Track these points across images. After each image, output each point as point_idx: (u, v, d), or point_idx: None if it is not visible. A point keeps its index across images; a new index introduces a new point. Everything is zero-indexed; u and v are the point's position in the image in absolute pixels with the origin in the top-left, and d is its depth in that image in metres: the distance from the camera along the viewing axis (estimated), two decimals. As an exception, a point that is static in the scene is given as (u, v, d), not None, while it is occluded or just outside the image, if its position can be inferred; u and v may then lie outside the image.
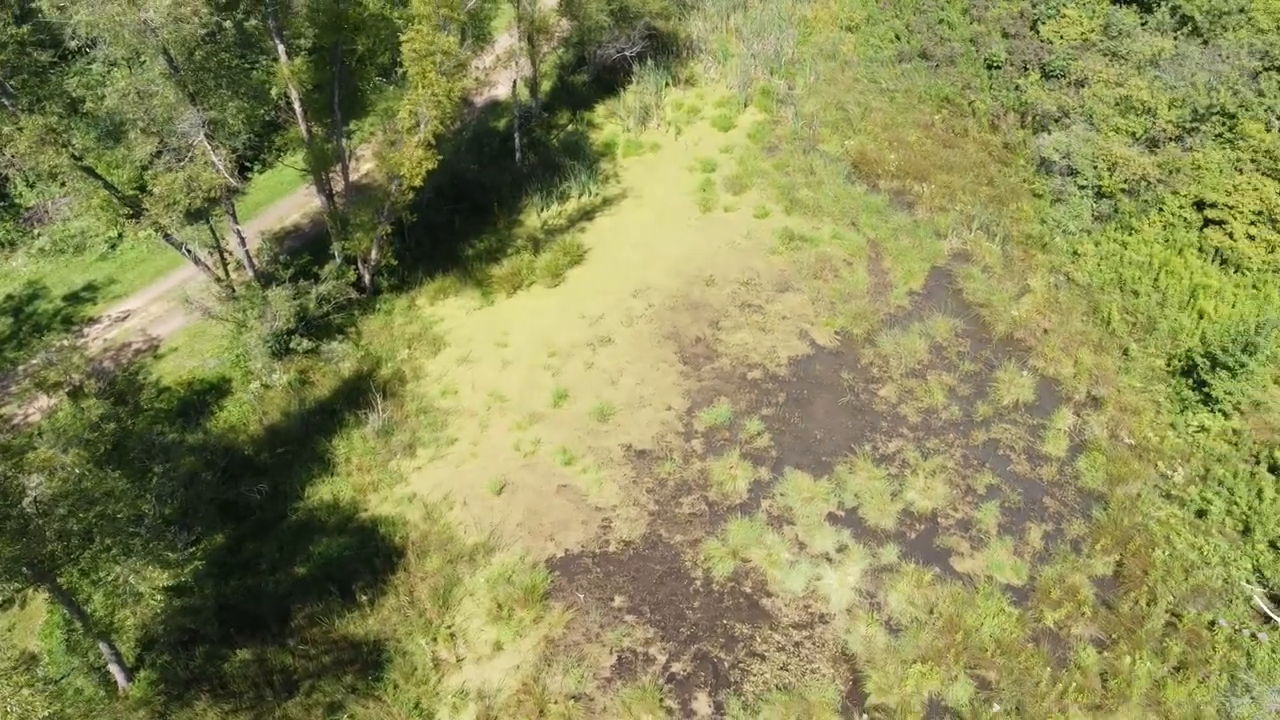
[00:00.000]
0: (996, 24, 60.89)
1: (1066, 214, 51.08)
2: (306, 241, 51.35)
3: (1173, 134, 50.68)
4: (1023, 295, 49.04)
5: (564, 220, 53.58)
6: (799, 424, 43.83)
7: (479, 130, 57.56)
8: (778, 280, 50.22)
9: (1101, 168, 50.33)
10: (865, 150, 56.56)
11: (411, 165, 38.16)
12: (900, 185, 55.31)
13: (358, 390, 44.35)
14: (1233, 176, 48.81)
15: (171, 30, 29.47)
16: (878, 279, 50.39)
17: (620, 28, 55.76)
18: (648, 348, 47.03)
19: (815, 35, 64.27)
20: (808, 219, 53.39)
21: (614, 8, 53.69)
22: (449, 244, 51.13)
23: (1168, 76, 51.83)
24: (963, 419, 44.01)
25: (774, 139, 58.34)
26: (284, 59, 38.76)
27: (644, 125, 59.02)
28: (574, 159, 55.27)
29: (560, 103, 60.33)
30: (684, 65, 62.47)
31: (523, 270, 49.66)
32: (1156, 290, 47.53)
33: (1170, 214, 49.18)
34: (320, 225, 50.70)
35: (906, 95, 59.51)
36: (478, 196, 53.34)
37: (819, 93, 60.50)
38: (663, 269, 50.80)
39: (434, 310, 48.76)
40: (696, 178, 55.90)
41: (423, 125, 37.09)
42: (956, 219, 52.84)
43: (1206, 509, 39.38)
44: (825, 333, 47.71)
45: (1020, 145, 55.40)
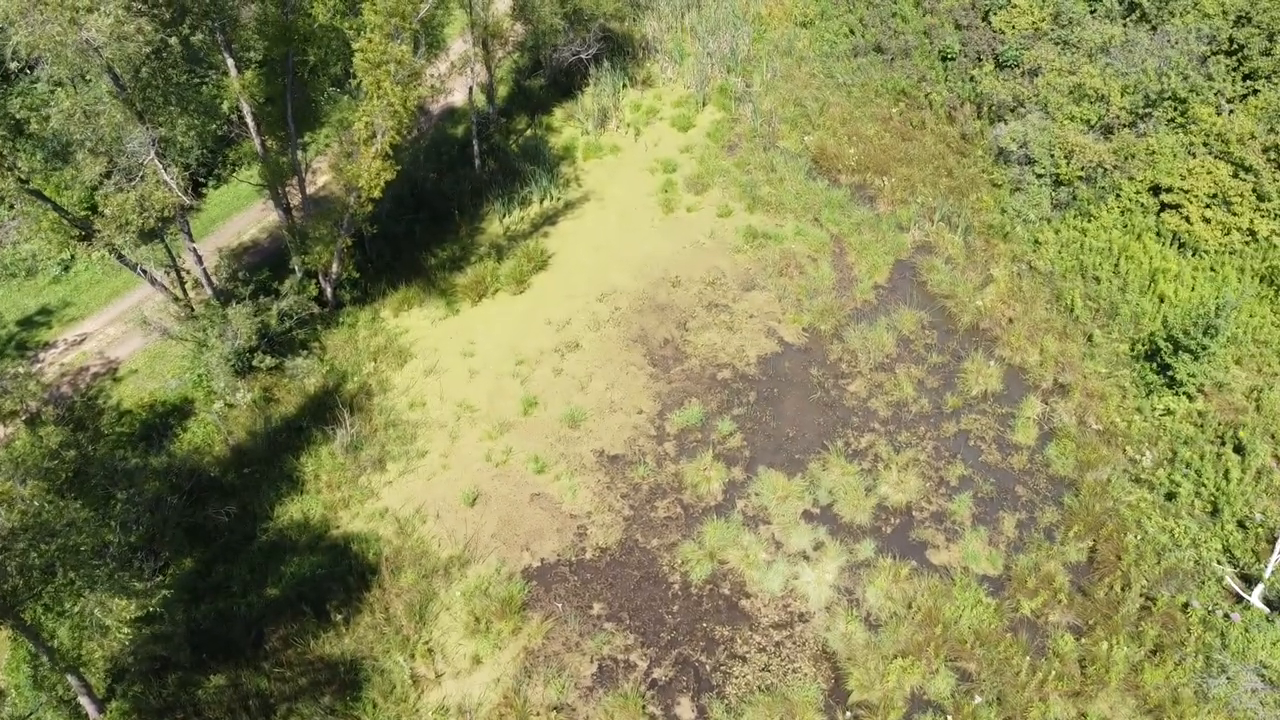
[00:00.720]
0: (949, 16, 61.26)
1: (1026, 203, 51.47)
2: (265, 257, 50.54)
3: (1126, 120, 51.21)
4: (986, 285, 49.33)
5: (526, 225, 53.19)
6: (770, 423, 43.79)
7: (437, 138, 56.99)
8: (743, 279, 50.16)
9: (1058, 156, 50.75)
10: (825, 145, 56.66)
11: (369, 177, 37.63)
12: (861, 179, 55.47)
13: (324, 406, 43.71)
14: (1186, 160, 49.39)
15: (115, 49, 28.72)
16: (842, 274, 50.48)
17: (575, 30, 55.42)
18: (616, 352, 46.78)
19: (770, 32, 64.31)
20: (770, 216, 53.39)
21: (567, 10, 53.34)
22: (411, 254, 50.57)
23: (1118, 64, 52.38)
24: (932, 411, 44.19)
25: (733, 137, 58.31)
26: (234, 73, 38.04)
27: (603, 128, 58.74)
28: (534, 164, 54.89)
29: (518, 107, 59.89)
30: (640, 66, 62.26)
31: (486, 278, 49.21)
32: (1117, 276, 47.99)
33: (1127, 199, 49.70)
34: (279, 240, 49.93)
35: (863, 89, 59.69)
36: (438, 205, 52.80)
37: (776, 89, 60.53)
38: (628, 271, 50.57)
39: (398, 322, 48.20)
40: (658, 178, 55.72)
41: (379, 136, 36.57)
42: (918, 211, 53.07)
43: (1175, 491, 39.80)
44: (793, 330, 47.71)
45: (977, 136, 55.77)
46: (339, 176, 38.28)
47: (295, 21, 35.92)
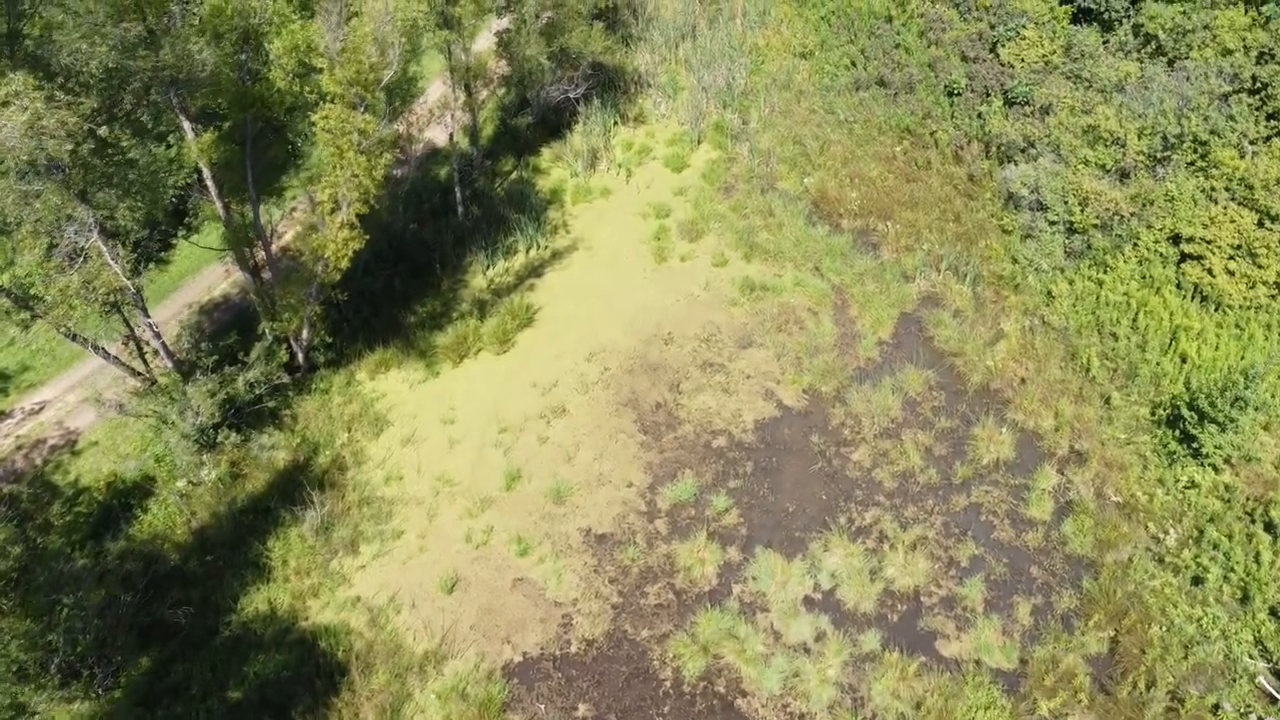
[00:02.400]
0: (955, 47, 58.52)
1: (1038, 251, 48.78)
2: (236, 314, 47.94)
3: (1143, 164, 48.46)
4: (997, 341, 46.67)
5: (512, 278, 50.57)
6: (768, 497, 41.17)
7: (419, 183, 54.35)
8: (740, 335, 47.52)
9: (1072, 203, 48.04)
10: (825, 188, 53.97)
11: (336, 247, 35.05)
12: (863, 224, 52.79)
13: (294, 483, 41.13)
14: (1208, 207, 46.69)
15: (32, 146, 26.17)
16: (844, 329, 47.82)
17: (562, 69, 52.77)
18: (605, 417, 44.16)
19: (768, 64, 61.60)
20: (768, 265, 50.73)
21: (553, 49, 50.69)
22: (389, 311, 47.95)
23: (1135, 104, 49.61)
24: (941, 482, 41.54)
25: (730, 178, 55.63)
26: (190, 135, 35.47)
27: (592, 169, 56.10)
28: (520, 210, 52.27)
29: (503, 148, 57.25)
30: (632, 102, 59.60)
31: (469, 337, 46.62)
32: (1135, 332, 45.30)
33: (1146, 249, 46.99)
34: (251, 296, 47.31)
35: (865, 126, 56.98)
36: (419, 257, 50.20)
37: (774, 126, 57.85)
38: (618, 327, 47.94)
39: (375, 386, 45.60)
40: (650, 224, 53.07)
41: (344, 207, 33.96)
42: (923, 259, 50.40)
43: (1203, 576, 37.14)
44: (792, 391, 45.06)
45: (985, 177, 53.04)
46: (305, 246, 35.65)
47: (252, 88, 33.36)
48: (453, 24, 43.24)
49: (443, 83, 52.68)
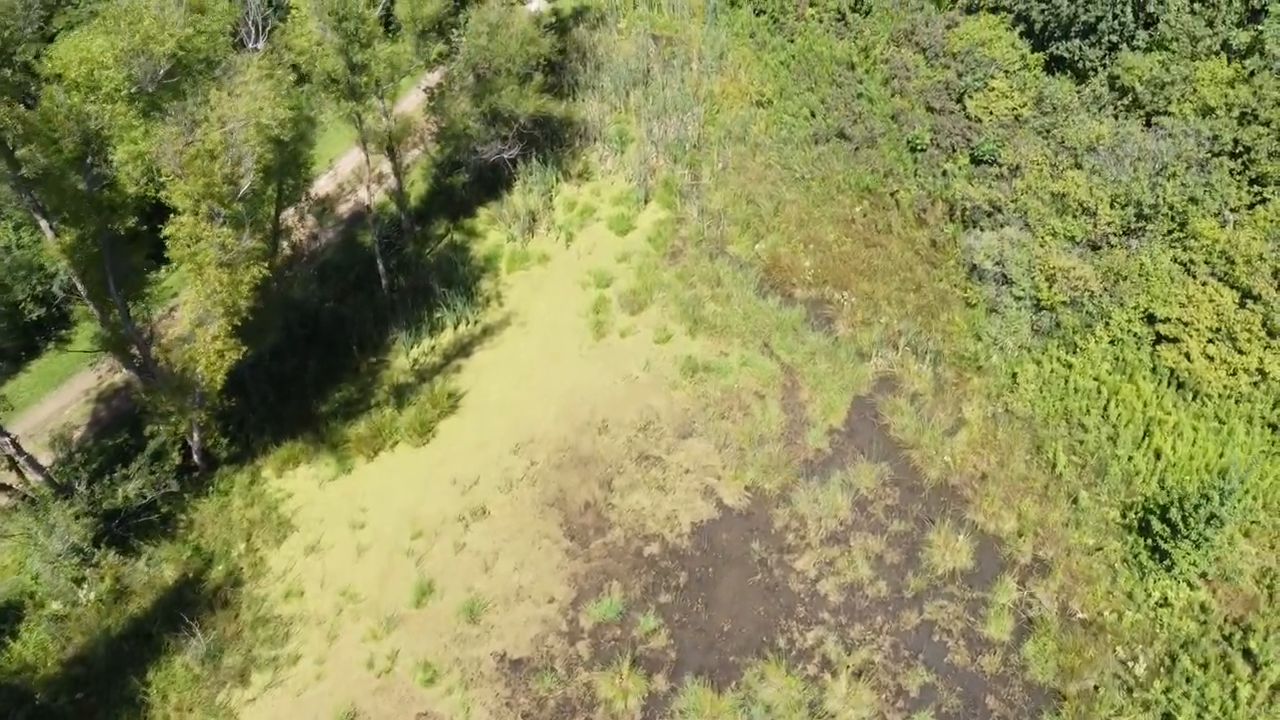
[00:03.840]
0: (920, 98, 54.89)
1: (1003, 329, 45.20)
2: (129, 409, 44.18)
3: (1116, 234, 44.88)
4: (957, 430, 43.09)
5: (438, 357, 47.01)
6: (702, 614, 37.61)
7: (343, 249, 50.74)
8: (680, 422, 43.94)
9: (1038, 278, 44.46)
10: (778, 254, 50.39)
11: (209, 361, 31.47)
12: (818, 294, 49.19)
13: (183, 601, 37.60)
14: (1185, 284, 43.11)
15: None
16: (793, 415, 44.22)
17: (495, 127, 49.15)
18: (528, 520, 40.61)
19: (723, 113, 57.97)
20: (714, 341, 47.13)
21: (482, 110, 47.06)
22: (300, 399, 44.39)
23: (1108, 169, 46.00)
24: (891, 596, 37.98)
25: (677, 242, 52.02)
26: (50, 237, 31.93)
27: (531, 232, 52.50)
28: (449, 282, 48.67)
29: (437, 209, 53.67)
30: (577, 157, 55.99)
31: (385, 428, 43.07)
32: (1106, 422, 41.72)
33: (1119, 328, 43.39)
34: (149, 385, 43.74)
35: (823, 184, 53.35)
36: (336, 336, 46.64)
37: (727, 183, 54.23)
38: (549, 413, 44.38)
39: (281, 484, 42.05)
40: (590, 295, 49.46)
41: (211, 322, 30.41)
42: (881, 335, 46.85)
43: (1174, 714, 33.54)
44: (734, 489, 41.51)
45: (949, 243, 49.45)
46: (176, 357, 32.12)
47: (100, 195, 29.88)
48: (360, 94, 39.67)
49: (358, 150, 48.94)
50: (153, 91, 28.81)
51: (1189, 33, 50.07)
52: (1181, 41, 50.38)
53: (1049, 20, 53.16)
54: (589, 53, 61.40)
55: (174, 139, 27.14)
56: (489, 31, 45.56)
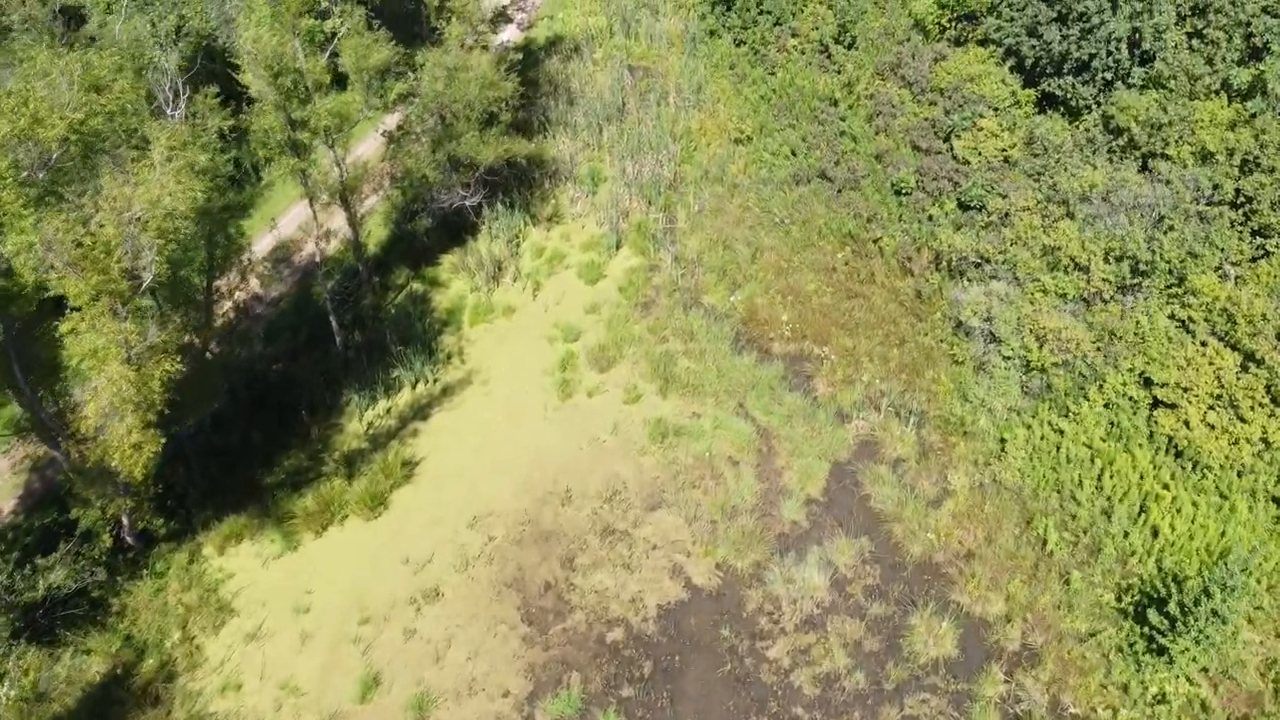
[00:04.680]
0: (905, 136, 52.37)
1: (991, 390, 42.68)
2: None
3: (1110, 290, 42.37)
4: (942, 500, 40.58)
5: (394, 420, 44.51)
6: (665, 710, 35.11)
7: (298, 301, 48.16)
8: (648, 492, 41.44)
9: (1028, 338, 41.93)
10: (755, 305, 47.88)
11: (125, 454, 28.95)
12: (797, 349, 46.65)
13: (110, 699, 35.09)
14: (1183, 344, 40.57)
15: None
16: (769, 484, 41.71)
17: (456, 174, 46.60)
18: (484, 603, 38.10)
19: (701, 151, 55.45)
20: (687, 402, 44.62)
21: (441, 158, 44.51)
22: (246, 469, 41.85)
23: (1102, 219, 43.50)
24: (870, 689, 35.44)
25: (650, 291, 49.50)
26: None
27: (496, 282, 49.97)
28: (407, 339, 46.15)
29: (398, 257, 51.15)
30: (546, 200, 53.45)
31: (334, 502, 40.55)
32: (1100, 494, 39.19)
33: (1113, 391, 40.85)
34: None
35: (804, 228, 50.79)
36: (285, 398, 44.10)
37: (703, 227, 51.72)
38: (510, 482, 41.87)
39: (223, 562, 39.55)
40: (556, 351, 46.94)
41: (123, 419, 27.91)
42: (862, 394, 44.33)
43: (1173, 830, 31.03)
44: (704, 567, 39.00)
45: (935, 295, 46.90)
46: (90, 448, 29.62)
47: (-6, 284, 27.49)
48: (303, 149, 37.17)
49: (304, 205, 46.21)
50: (43, 177, 26.38)
51: (1187, 71, 47.60)
52: (1179, 79, 47.91)
53: (1040, 56, 50.64)
54: (561, 86, 58.88)
55: (65, 230, 24.70)
56: (446, 76, 43.03)
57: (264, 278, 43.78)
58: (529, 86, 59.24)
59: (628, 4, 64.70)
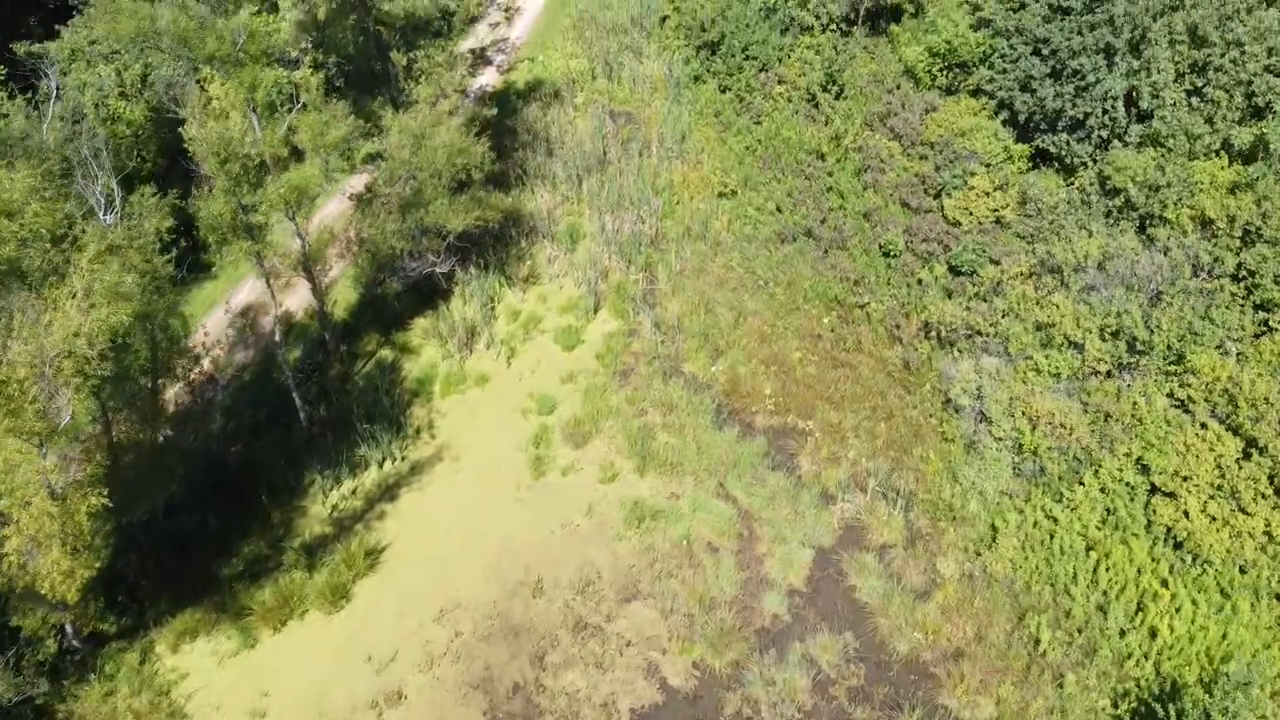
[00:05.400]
0: (895, 193, 50.59)
1: (981, 471, 40.89)
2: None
3: (1106, 368, 40.58)
4: (930, 592, 38.81)
5: (360, 501, 42.69)
6: (639, 829, 33.30)
7: (259, 373, 46.32)
8: (624, 581, 39.63)
9: (1020, 420, 40.14)
10: (738, 375, 46.07)
11: (54, 584, 27.14)
12: (780, 423, 44.85)
13: (50, 820, 33.31)
14: (1182, 427, 38.80)
15: None
16: (750, 572, 39.90)
17: (426, 241, 44.75)
18: (448, 707, 36.28)
19: (684, 205, 53.61)
20: (665, 480, 42.81)
21: (407, 227, 42.68)
22: (202, 559, 40.02)
23: (1098, 290, 41.72)
24: (853, 804, 33.67)
25: (629, 358, 47.65)
26: None
27: (469, 349, 48.11)
28: (372, 417, 44.30)
29: (367, 322, 49.29)
30: (523, 259, 51.58)
31: (294, 595, 38.73)
32: (1095, 589, 37.41)
33: (1108, 477, 39.06)
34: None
35: (789, 291, 48.99)
36: (245, 481, 42.27)
37: (684, 289, 49.89)
38: (479, 570, 40.05)
39: (176, 661, 37.71)
40: (531, 424, 45.12)
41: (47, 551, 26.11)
42: (848, 474, 42.53)
43: None
44: (680, 666, 37.19)
45: (924, 365, 45.10)
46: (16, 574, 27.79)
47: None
48: (258, 232, 35.35)
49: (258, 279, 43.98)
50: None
51: (1186, 130, 45.81)
52: (1178, 138, 46.12)
53: (1034, 111, 48.85)
54: (540, 136, 57.03)
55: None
56: (413, 143, 41.20)
57: (218, 360, 42.08)
58: (507, 135, 57.59)
59: (610, 46, 62.80)
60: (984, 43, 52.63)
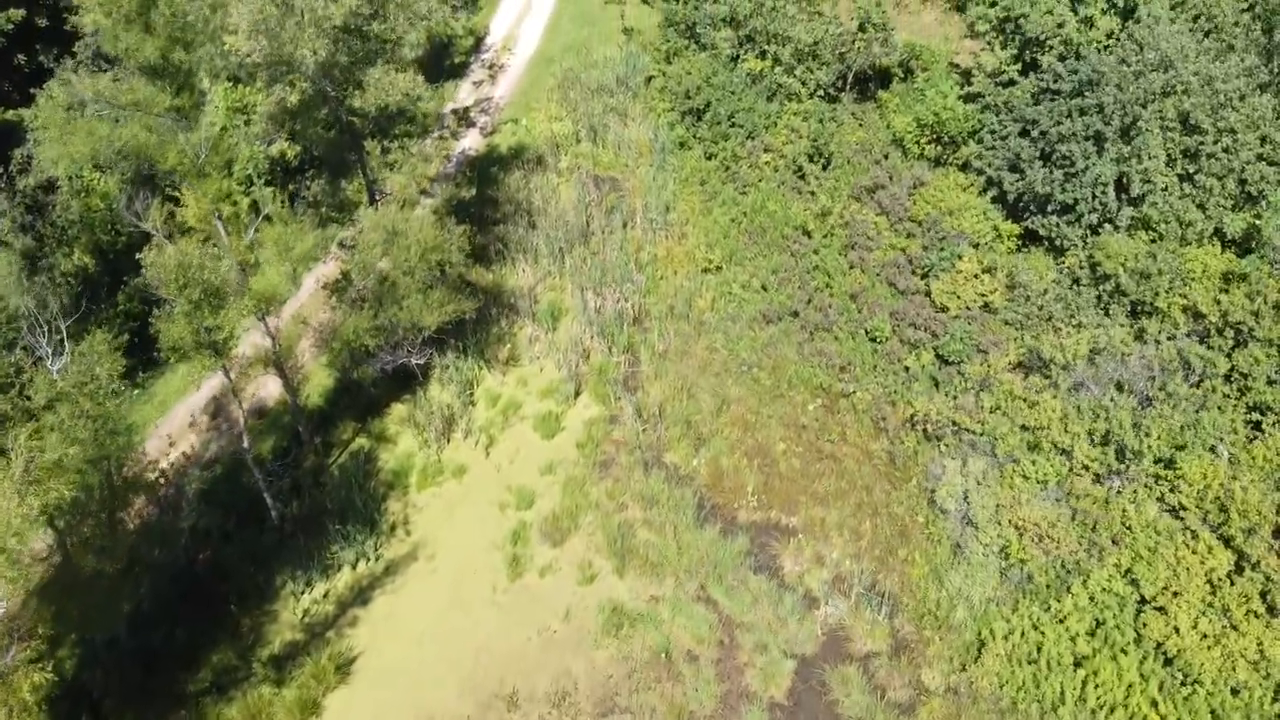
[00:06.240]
0: (881, 273, 49.64)
1: (968, 578, 39.91)
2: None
3: (1094, 474, 39.64)
4: (914, 707, 37.85)
5: (332, 605, 41.74)
6: None
7: (230, 467, 45.29)
8: (601, 694, 38.68)
9: (1007, 529, 39.20)
10: (720, 468, 45.13)
11: None
12: (763, 519, 43.87)
13: None
14: (1172, 536, 37.84)
15: None
16: (730, 684, 38.93)
17: (399, 334, 43.73)
18: (420, 833, 35.34)
19: (668, 281, 52.61)
20: (645, 582, 41.84)
21: (380, 323, 41.68)
22: (169, 672, 39.04)
23: (1086, 389, 40.78)
24: None
25: (609, 447, 46.66)
26: None
27: (447, 438, 47.13)
28: (345, 517, 43.33)
29: (343, 409, 48.30)
30: (504, 339, 50.60)
31: (262, 713, 37.74)
32: (1084, 707, 36.43)
33: (1097, 587, 38.10)
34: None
35: (773, 376, 48.03)
36: (214, 588, 41.30)
37: (666, 372, 48.90)
38: (453, 682, 39.11)
39: (141, 785, 36.80)
40: (508, 520, 44.15)
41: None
42: (832, 575, 41.58)
43: None
44: (657, 790, 36.23)
45: (910, 460, 44.13)
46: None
47: None
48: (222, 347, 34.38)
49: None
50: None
51: (1178, 217, 44.87)
52: (1170, 224, 45.19)
53: (1023, 193, 47.92)
54: (523, 207, 56.06)
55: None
56: (385, 240, 40.26)
57: (180, 468, 41.25)
58: (488, 207, 56.78)
59: (595, 107, 61.78)
60: (973, 117, 51.74)
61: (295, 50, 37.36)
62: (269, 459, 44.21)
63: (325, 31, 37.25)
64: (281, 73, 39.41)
